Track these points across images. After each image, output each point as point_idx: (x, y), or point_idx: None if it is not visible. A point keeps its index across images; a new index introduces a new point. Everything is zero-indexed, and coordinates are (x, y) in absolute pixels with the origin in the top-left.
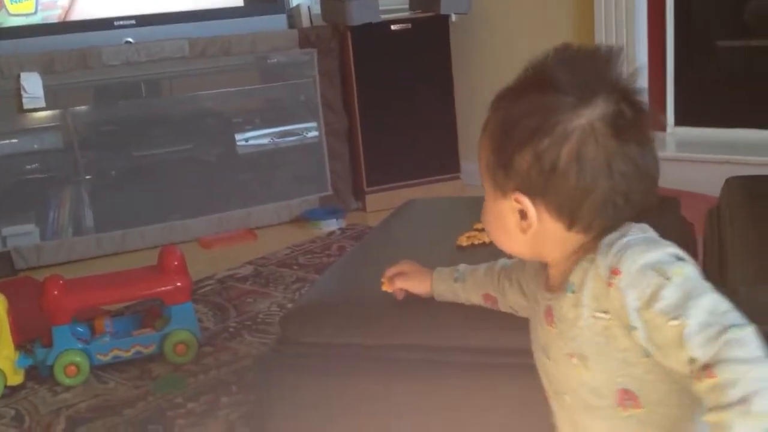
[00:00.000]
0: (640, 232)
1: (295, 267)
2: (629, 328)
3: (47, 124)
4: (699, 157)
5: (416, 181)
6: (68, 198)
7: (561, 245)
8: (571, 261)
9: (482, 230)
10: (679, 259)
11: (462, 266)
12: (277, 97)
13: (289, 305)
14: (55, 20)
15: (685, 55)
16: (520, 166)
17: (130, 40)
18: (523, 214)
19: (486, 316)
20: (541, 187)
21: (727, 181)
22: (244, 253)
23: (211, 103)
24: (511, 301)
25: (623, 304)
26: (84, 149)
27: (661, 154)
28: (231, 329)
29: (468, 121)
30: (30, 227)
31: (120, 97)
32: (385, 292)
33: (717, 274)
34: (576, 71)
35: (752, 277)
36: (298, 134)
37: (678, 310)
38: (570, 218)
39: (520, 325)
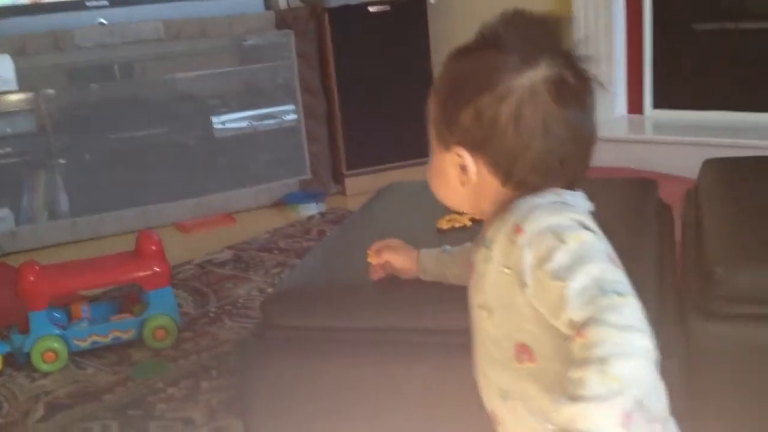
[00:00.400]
0: (554, 196)
1: (275, 251)
2: (524, 285)
3: (19, 108)
4: (676, 139)
5: (396, 164)
6: (42, 182)
7: (496, 201)
8: (496, 218)
9: (462, 213)
10: (583, 227)
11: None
12: (254, 80)
13: (270, 290)
14: (26, 1)
15: (662, 39)
16: (464, 121)
17: (103, 21)
18: (463, 168)
19: None
20: (480, 142)
21: (705, 163)
22: (223, 238)
23: (188, 85)
24: None
25: (520, 261)
26: (58, 133)
27: (638, 136)
28: (211, 314)
29: None
30: (4, 212)
31: (94, 79)
32: (366, 275)
33: (694, 254)
34: (523, 33)
35: (728, 258)
36: (276, 117)
37: (565, 273)
38: (505, 175)
39: None
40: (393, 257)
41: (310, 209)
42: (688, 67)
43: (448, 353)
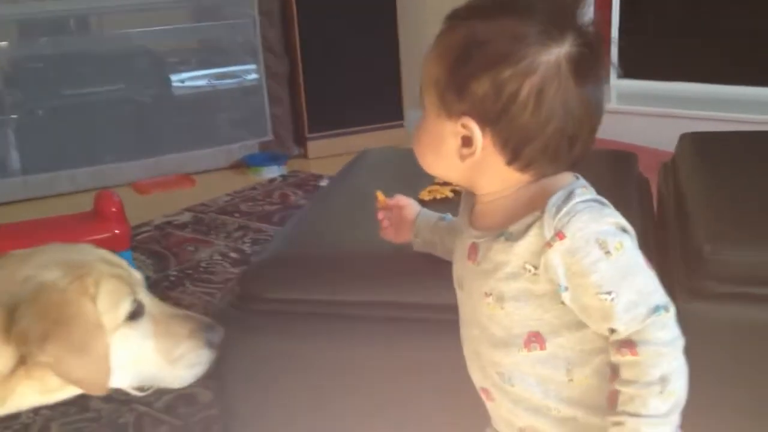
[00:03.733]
0: (585, 193)
1: (236, 215)
2: (558, 287)
3: None
4: (644, 110)
5: (359, 128)
6: None
7: (496, 178)
8: (506, 203)
9: (444, 184)
10: (623, 230)
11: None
12: (213, 37)
13: (232, 254)
14: None
15: (630, 7)
16: (476, 91)
17: None
18: (466, 141)
19: None
20: (494, 116)
21: (682, 136)
22: (182, 199)
23: (145, 41)
24: None
25: (559, 267)
26: (9, 87)
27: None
28: (172, 278)
29: (412, 68)
30: None
31: (48, 32)
32: (341, 245)
33: (678, 231)
34: (552, 6)
35: (716, 236)
36: (236, 76)
37: (610, 286)
38: (513, 153)
39: None
40: (403, 204)
41: (272, 172)
42: (655, 37)
43: (435, 329)
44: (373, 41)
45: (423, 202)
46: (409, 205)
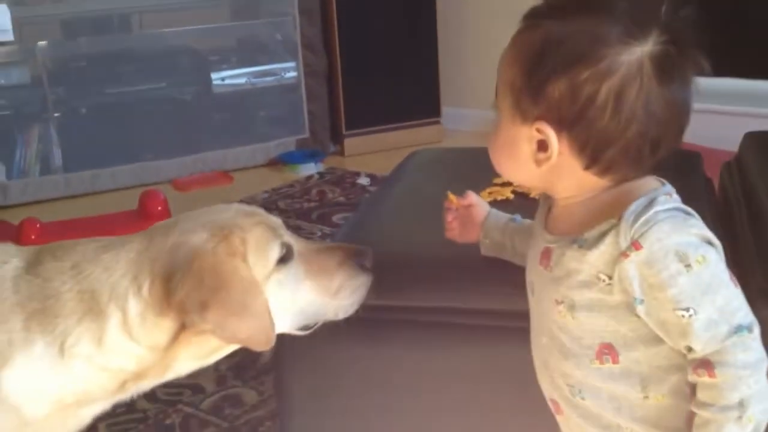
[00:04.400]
0: (669, 201)
1: (275, 212)
2: (633, 299)
3: (15, 59)
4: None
5: (396, 125)
6: (36, 136)
7: (574, 183)
8: (584, 208)
9: (503, 185)
10: (708, 242)
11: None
12: (254, 35)
13: None
14: None
15: None
16: (552, 93)
17: None
18: (541, 145)
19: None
20: (571, 120)
21: (747, 135)
22: (220, 196)
23: (186, 39)
24: None
25: (635, 278)
26: (53, 85)
27: None
28: None
29: (451, 65)
30: None
31: (91, 31)
32: (425, 248)
33: (751, 233)
34: (633, 2)
35: None
36: (275, 74)
37: (689, 302)
38: (591, 158)
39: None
40: (473, 202)
41: (309, 169)
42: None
43: (499, 336)
44: (412, 40)
45: None
46: (479, 204)
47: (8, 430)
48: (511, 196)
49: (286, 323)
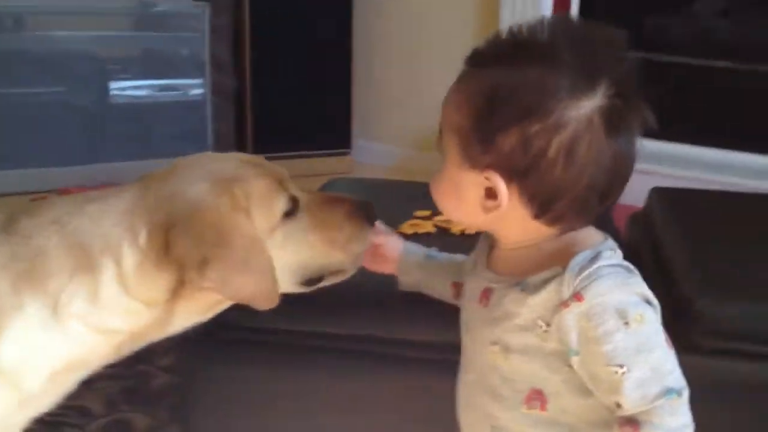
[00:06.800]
0: (613, 256)
1: None
2: (568, 350)
3: None
4: None
5: (305, 152)
6: None
7: (520, 230)
8: (528, 254)
9: (425, 218)
10: (647, 301)
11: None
12: (160, 49)
13: None
14: None
15: None
16: (503, 144)
17: None
18: (490, 193)
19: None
20: (521, 171)
21: (654, 190)
22: None
23: (87, 45)
24: None
25: (573, 329)
26: None
27: None
28: None
29: (364, 96)
30: None
31: None
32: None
33: (660, 283)
34: (582, 52)
35: (710, 290)
36: (180, 89)
37: (624, 359)
38: (541, 208)
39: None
40: (381, 241)
41: None
42: None
43: (413, 367)
44: (326, 65)
45: (404, 236)
46: (388, 242)
47: (9, 407)
48: (433, 229)
49: (290, 279)
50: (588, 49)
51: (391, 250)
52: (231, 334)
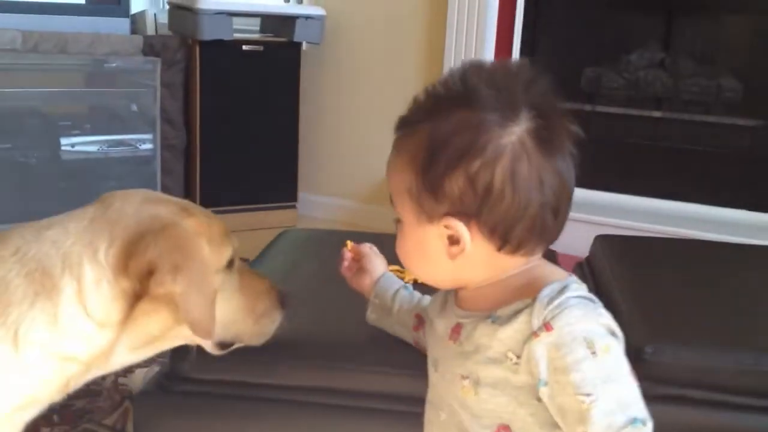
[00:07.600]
0: (579, 288)
1: None
2: (537, 381)
3: None
4: None
5: (252, 206)
6: None
7: (488, 266)
8: (496, 289)
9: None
10: (612, 333)
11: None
12: (111, 104)
13: None
14: None
15: None
16: (452, 190)
17: None
18: (452, 239)
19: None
20: (475, 209)
21: (597, 238)
22: None
23: (38, 101)
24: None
25: (542, 359)
26: None
27: None
28: None
29: (310, 152)
30: None
31: None
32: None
33: None
34: (497, 87)
35: (655, 337)
36: (130, 145)
37: (591, 388)
38: (502, 238)
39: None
40: (371, 256)
41: None
42: None
43: (375, 417)
44: (274, 122)
45: None
46: (375, 259)
47: None
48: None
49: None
50: (501, 83)
51: (375, 266)
52: (181, 386)
